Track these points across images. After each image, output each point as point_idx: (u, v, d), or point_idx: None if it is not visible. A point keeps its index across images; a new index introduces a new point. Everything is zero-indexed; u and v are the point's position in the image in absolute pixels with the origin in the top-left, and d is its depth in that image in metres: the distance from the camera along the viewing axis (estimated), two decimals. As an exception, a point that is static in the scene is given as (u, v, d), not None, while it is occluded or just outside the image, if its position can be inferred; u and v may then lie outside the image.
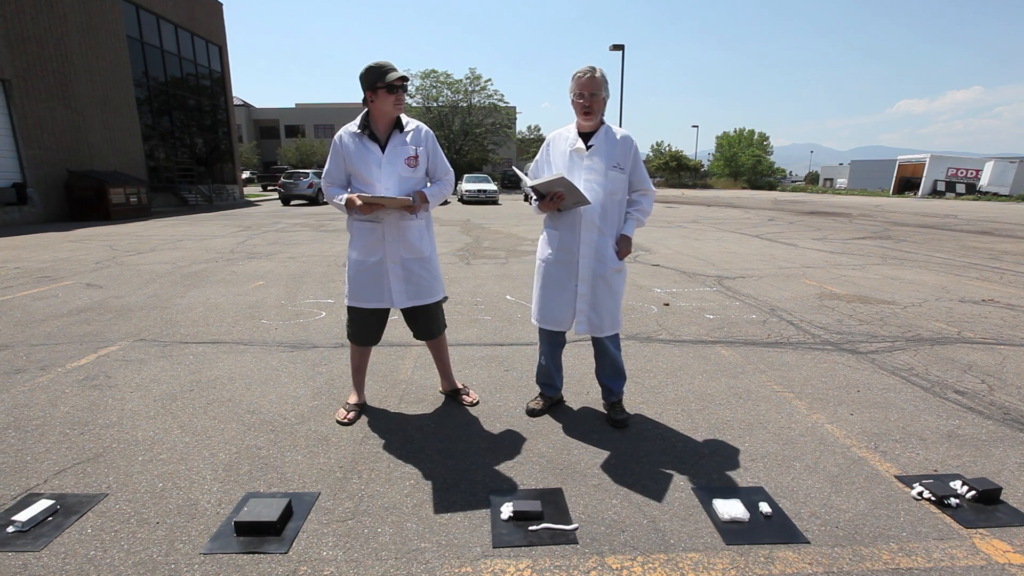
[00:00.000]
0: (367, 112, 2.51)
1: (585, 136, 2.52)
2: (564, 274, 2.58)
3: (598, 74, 2.42)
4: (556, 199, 2.44)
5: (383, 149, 2.50)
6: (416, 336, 2.84)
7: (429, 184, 2.65)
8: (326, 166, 2.62)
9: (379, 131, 2.52)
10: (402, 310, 2.70)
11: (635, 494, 2.10)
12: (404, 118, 2.57)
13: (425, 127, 2.62)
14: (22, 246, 9.28)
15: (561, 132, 2.62)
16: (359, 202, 2.40)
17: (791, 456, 2.37)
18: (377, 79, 2.38)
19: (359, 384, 2.84)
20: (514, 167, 3.57)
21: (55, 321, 4.49)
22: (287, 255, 8.21)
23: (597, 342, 2.69)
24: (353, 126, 2.52)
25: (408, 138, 2.55)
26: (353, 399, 2.80)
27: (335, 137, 2.56)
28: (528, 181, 2.46)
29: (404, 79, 2.42)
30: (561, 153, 2.58)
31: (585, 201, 2.42)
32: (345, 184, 2.61)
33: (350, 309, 2.68)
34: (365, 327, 2.70)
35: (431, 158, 2.62)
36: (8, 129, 13.37)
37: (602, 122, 2.54)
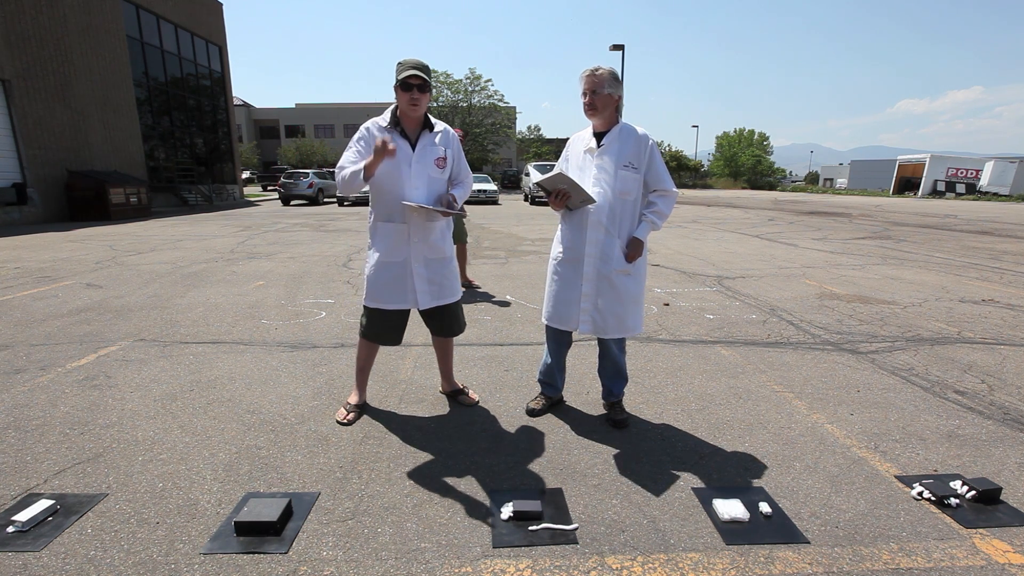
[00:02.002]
0: (396, 108, 2.49)
1: (600, 136, 2.51)
2: (571, 273, 2.57)
3: (600, 71, 2.39)
4: (563, 197, 2.44)
5: (413, 148, 2.48)
6: (437, 334, 2.83)
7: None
8: (345, 155, 2.46)
9: (408, 129, 2.49)
10: (424, 310, 2.68)
11: (635, 494, 2.10)
12: (433, 119, 2.55)
13: (451, 129, 2.62)
14: (22, 246, 9.28)
15: (581, 133, 2.63)
16: (391, 146, 2.20)
17: (791, 456, 2.37)
18: (397, 75, 2.37)
19: (362, 383, 2.84)
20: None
21: (55, 321, 4.49)
22: (287, 255, 8.21)
23: (601, 342, 2.69)
24: (383, 120, 2.48)
25: (437, 139, 2.53)
26: (354, 399, 2.80)
27: (362, 128, 2.49)
28: (534, 178, 2.46)
29: (419, 78, 2.35)
30: (577, 153, 2.59)
31: (591, 200, 2.41)
32: None
33: (371, 310, 2.65)
34: (386, 328, 2.67)
35: (456, 161, 2.62)
36: (8, 129, 13.37)
37: (618, 120, 2.50)
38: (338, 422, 2.67)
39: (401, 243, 2.53)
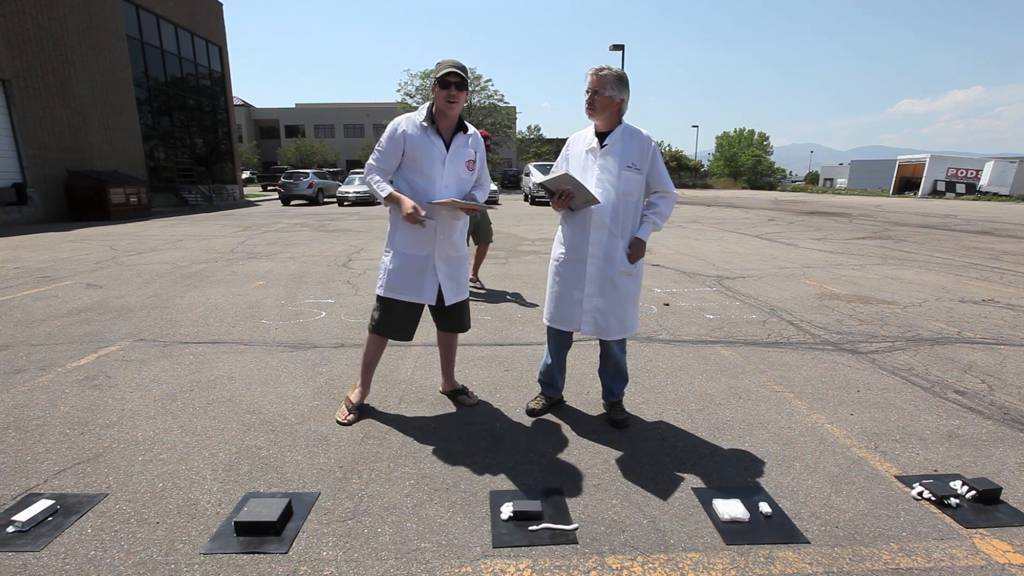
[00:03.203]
0: (431, 106, 2.53)
1: (602, 136, 2.50)
2: (573, 274, 2.56)
3: (604, 72, 2.38)
4: (566, 197, 2.43)
5: (447, 148, 2.53)
6: (450, 330, 2.86)
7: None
8: (377, 152, 2.55)
9: (442, 128, 2.53)
10: (439, 307, 2.71)
11: (635, 494, 2.10)
12: (466, 122, 2.61)
13: (479, 134, 2.67)
14: (22, 246, 9.28)
15: (583, 132, 2.62)
16: (422, 212, 2.39)
17: (791, 456, 2.37)
18: (435, 73, 2.44)
19: (367, 380, 2.83)
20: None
21: (55, 321, 4.49)
22: (287, 255, 8.21)
23: (603, 343, 2.68)
24: (418, 117, 2.52)
25: (469, 142, 2.59)
26: (355, 397, 2.78)
27: (394, 125, 2.53)
28: (535, 178, 2.46)
29: (457, 76, 2.41)
30: (578, 152, 2.58)
31: (594, 200, 2.40)
32: (391, 173, 2.60)
33: (386, 303, 2.66)
34: (399, 320, 2.69)
35: (480, 166, 2.68)
36: (8, 129, 13.36)
37: (620, 122, 2.49)
38: (338, 422, 2.67)
39: (427, 239, 2.58)
